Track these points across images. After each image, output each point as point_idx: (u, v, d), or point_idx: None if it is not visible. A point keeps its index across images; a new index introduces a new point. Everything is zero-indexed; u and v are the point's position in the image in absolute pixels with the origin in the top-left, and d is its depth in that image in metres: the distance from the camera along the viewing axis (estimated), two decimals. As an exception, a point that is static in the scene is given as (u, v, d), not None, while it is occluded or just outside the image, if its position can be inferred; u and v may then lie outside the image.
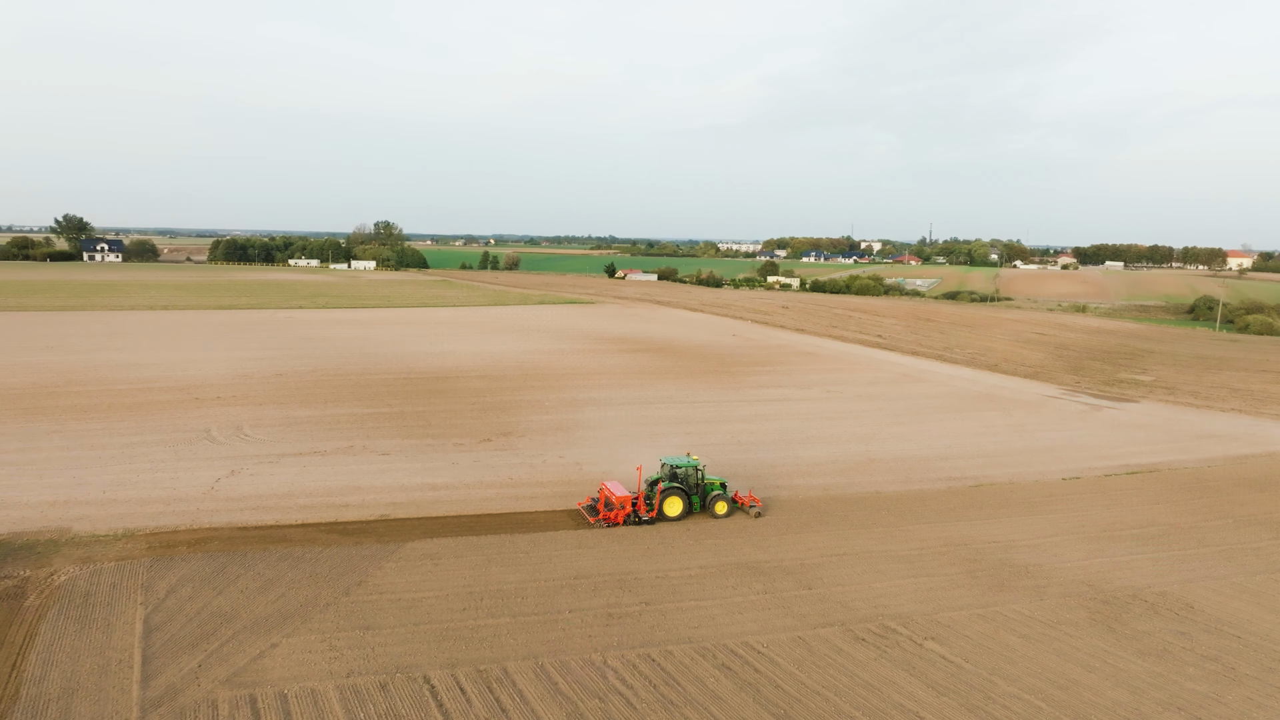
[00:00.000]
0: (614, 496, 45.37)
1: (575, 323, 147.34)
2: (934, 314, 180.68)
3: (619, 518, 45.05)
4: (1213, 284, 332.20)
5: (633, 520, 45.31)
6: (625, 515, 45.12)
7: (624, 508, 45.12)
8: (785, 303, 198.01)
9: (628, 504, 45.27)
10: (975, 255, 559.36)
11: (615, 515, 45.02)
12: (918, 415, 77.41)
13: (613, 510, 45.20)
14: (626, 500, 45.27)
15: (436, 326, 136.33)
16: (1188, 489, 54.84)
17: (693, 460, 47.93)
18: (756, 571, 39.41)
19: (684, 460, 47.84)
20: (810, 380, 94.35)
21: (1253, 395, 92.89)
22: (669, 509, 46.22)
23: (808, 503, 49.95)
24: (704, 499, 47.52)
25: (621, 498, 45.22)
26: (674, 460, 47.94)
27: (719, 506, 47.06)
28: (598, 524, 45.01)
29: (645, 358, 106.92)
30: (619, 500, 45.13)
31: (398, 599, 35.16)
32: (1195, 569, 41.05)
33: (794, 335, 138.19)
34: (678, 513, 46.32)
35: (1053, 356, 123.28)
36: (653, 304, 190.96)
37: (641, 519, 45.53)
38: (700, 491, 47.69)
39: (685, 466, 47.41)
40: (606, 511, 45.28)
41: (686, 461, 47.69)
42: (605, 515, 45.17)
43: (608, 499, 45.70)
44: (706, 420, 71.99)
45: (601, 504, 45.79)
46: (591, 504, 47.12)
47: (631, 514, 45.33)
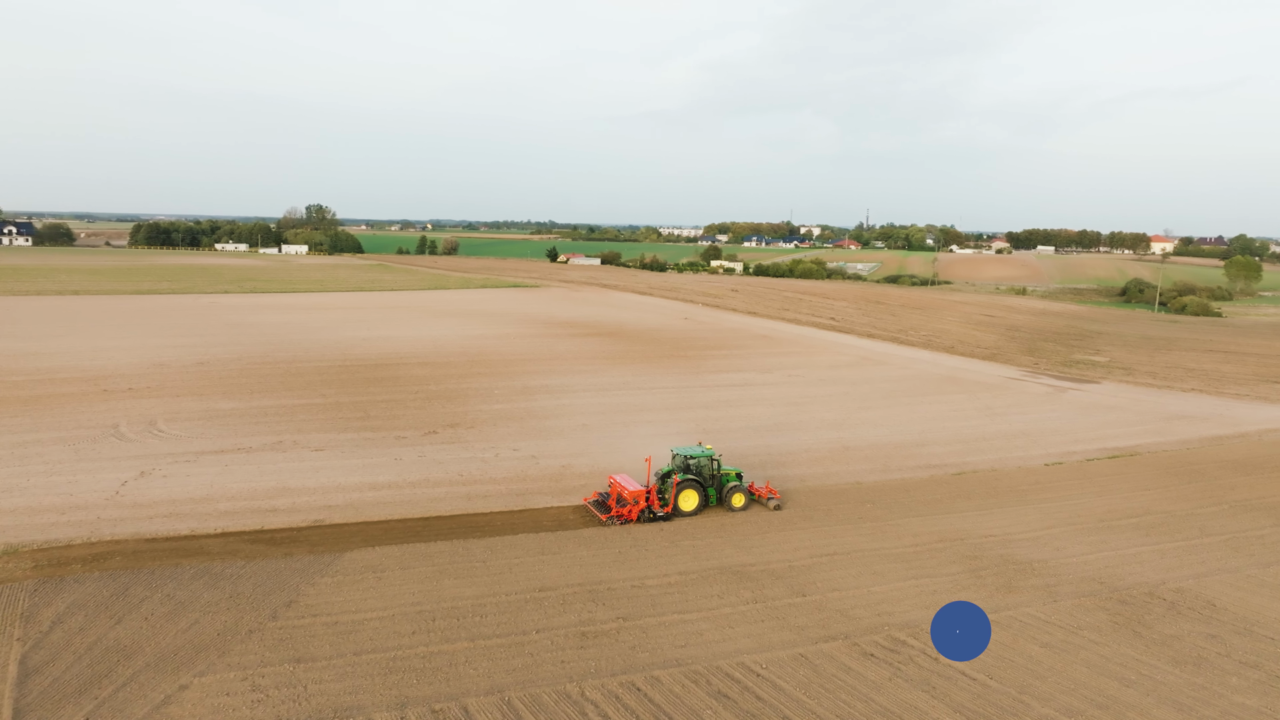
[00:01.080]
0: (626, 491, 41.56)
1: (522, 307, 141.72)
2: (884, 296, 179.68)
3: (633, 514, 41.33)
4: (1140, 267, 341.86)
5: (647, 516, 41.64)
6: (640, 511, 41.42)
7: (638, 503, 41.43)
8: (734, 286, 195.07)
9: (641, 499, 41.57)
10: (913, 240, 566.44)
11: (629, 512, 41.30)
12: (884, 399, 74.50)
13: (626, 506, 41.41)
14: (640, 495, 41.59)
15: (374, 311, 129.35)
16: (1173, 473, 52.65)
17: (707, 450, 44.16)
18: (742, 577, 35.34)
19: (698, 450, 44.10)
20: (770, 364, 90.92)
21: (1207, 375, 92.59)
22: (684, 503, 42.60)
23: (786, 495, 46.10)
24: (720, 491, 43.88)
25: (635, 492, 41.53)
26: (687, 450, 44.14)
27: (736, 499, 43.51)
28: (610, 522, 41.13)
29: (598, 342, 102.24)
30: (632, 495, 41.42)
31: (335, 622, 30.11)
32: (1205, 561, 38.37)
33: (747, 318, 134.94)
34: (693, 507, 42.71)
35: (1006, 338, 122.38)
36: (600, 287, 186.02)
37: (656, 515, 41.84)
38: (717, 483, 44.02)
39: (700, 457, 43.68)
40: (619, 508, 41.44)
41: (701, 451, 43.94)
42: (618, 512, 41.36)
43: (620, 495, 41.82)
44: (668, 408, 67.80)
45: (613, 500, 41.93)
46: (599, 500, 43.28)
47: (645, 509, 41.63)
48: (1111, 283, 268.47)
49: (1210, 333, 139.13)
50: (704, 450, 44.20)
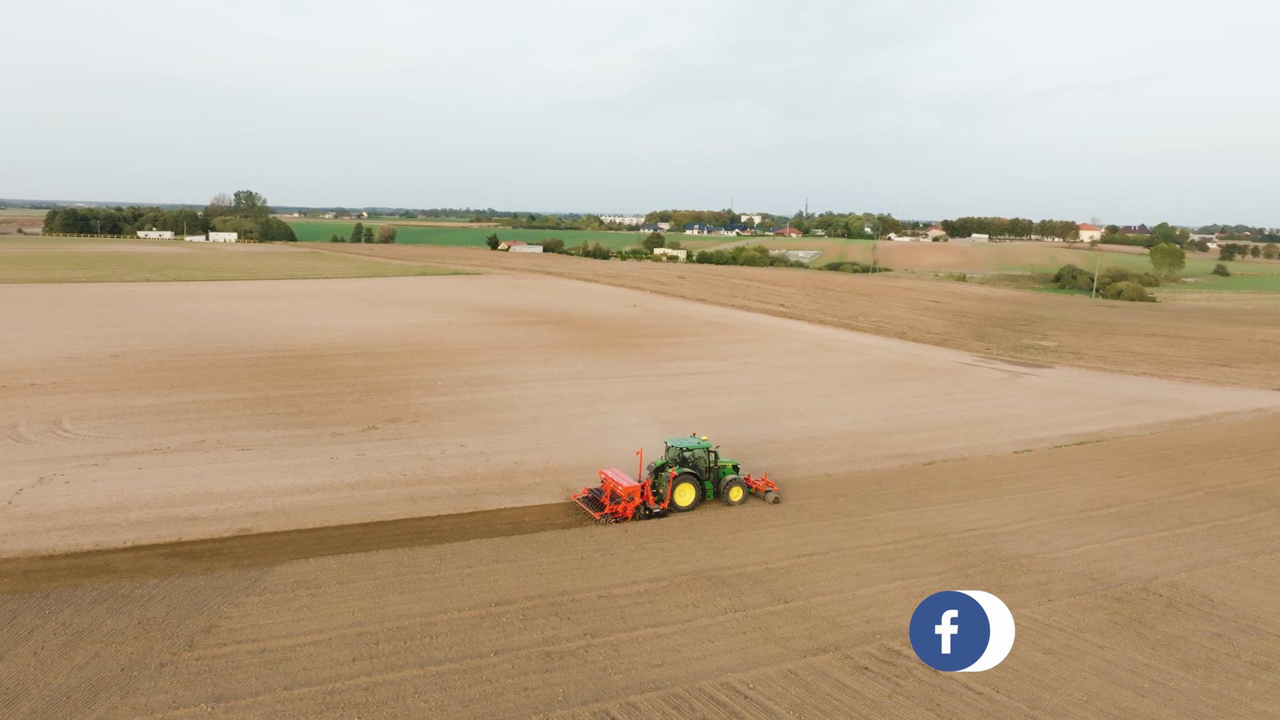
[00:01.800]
0: (620, 487, 38.93)
1: (464, 294, 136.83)
2: (830, 283, 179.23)
3: (629, 511, 38.82)
4: (1070, 254, 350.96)
5: (643, 513, 39.17)
6: (635, 508, 38.83)
7: (633, 499, 38.99)
8: (681, 273, 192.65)
9: (636, 494, 39.14)
10: (852, 228, 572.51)
11: (624, 509, 38.71)
12: (843, 386, 72.60)
13: (620, 503, 38.81)
14: (635, 490, 39.12)
15: (308, 300, 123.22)
16: (1142, 459, 51.56)
17: (703, 441, 41.78)
18: (717, 582, 32.48)
19: (694, 442, 41.65)
20: (724, 351, 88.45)
21: (1154, 358, 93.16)
22: (680, 498, 40.17)
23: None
24: (717, 485, 41.46)
25: (629, 488, 39.03)
26: (682, 442, 41.68)
27: (734, 493, 41.23)
28: (604, 519, 38.50)
29: (545, 330, 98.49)
30: (626, 491, 38.96)
31: (262, 650, 26.31)
32: (1193, 552, 36.85)
33: (696, 305, 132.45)
34: (690, 501, 40.27)
35: (954, 324, 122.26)
36: (544, 274, 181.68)
37: (652, 511, 39.41)
38: (714, 476, 41.58)
39: (696, 449, 41.26)
40: (613, 505, 38.82)
41: (697, 443, 41.51)
42: (613, 509, 38.71)
43: (614, 491, 39.22)
44: (622, 398, 64.68)
45: (607, 496, 39.39)
46: (590, 496, 40.59)
47: (641, 505, 39.09)
48: (1044, 269, 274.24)
49: (1148, 317, 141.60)
50: (700, 441, 41.81)
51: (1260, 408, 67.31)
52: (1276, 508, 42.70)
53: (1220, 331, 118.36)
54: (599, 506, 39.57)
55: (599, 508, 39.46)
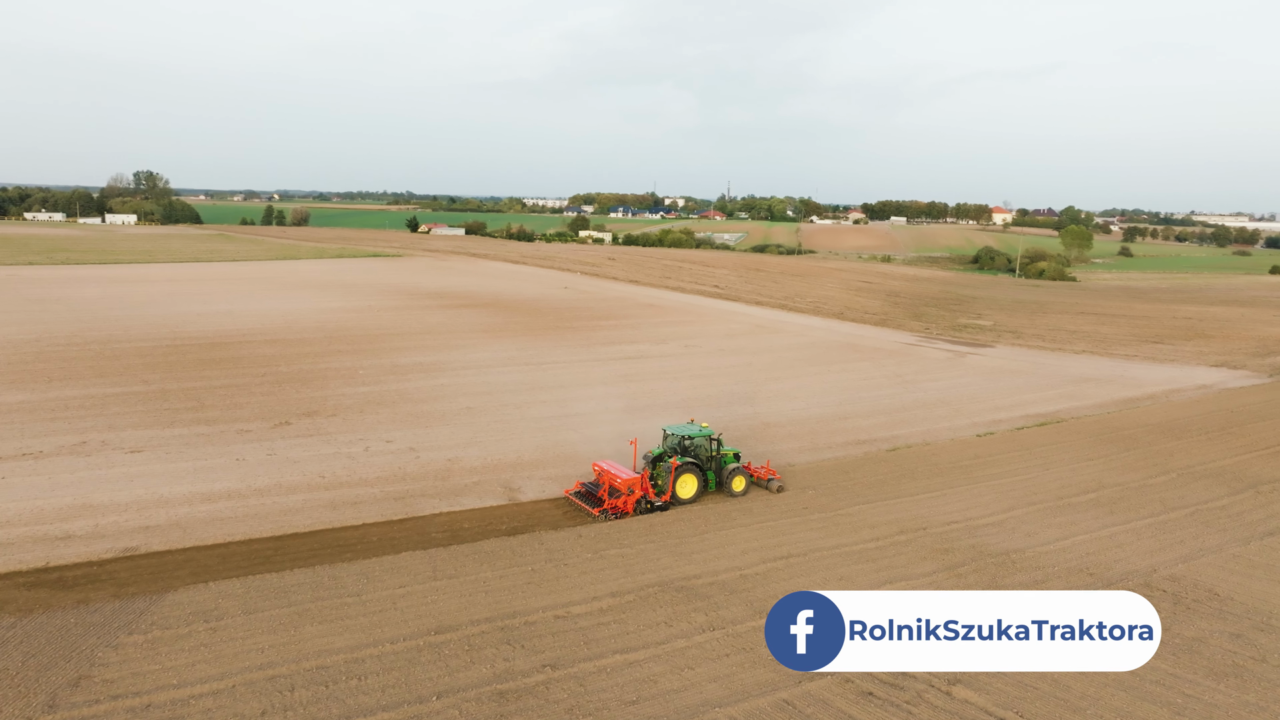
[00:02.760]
0: (619, 480, 35.98)
1: (384, 277, 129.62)
2: (762, 264, 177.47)
3: (629, 505, 35.73)
4: (985, 236, 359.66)
5: (644, 507, 36.11)
6: (636, 501, 35.89)
7: (633, 492, 35.93)
8: (611, 255, 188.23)
9: (637, 487, 36.10)
10: (775, 211, 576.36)
11: (624, 503, 35.73)
12: (790, 368, 69.73)
13: (619, 497, 35.89)
14: (634, 483, 36.06)
15: (213, 284, 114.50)
16: (1106, 440, 49.88)
17: (705, 429, 38.69)
18: (690, 594, 28.66)
19: (695, 429, 38.58)
20: (663, 334, 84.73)
21: (1090, 336, 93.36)
22: (682, 490, 37.19)
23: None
24: (720, 474, 38.59)
25: (628, 480, 35.96)
26: (682, 429, 38.58)
27: (737, 483, 38.40)
28: (603, 515, 35.42)
29: (473, 314, 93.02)
30: (625, 484, 35.89)
31: (146, 706, 21.33)
32: (1183, 540, 34.74)
33: (629, 287, 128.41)
34: (692, 493, 37.39)
35: (889, 304, 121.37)
36: (469, 256, 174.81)
37: (654, 505, 36.38)
38: (716, 466, 38.71)
39: (698, 437, 38.21)
40: (612, 499, 35.83)
41: (699, 431, 38.41)
42: (612, 504, 35.68)
43: (612, 485, 36.29)
44: (561, 385, 60.29)
45: (605, 490, 36.39)
46: (584, 491, 37.46)
47: (642, 499, 36.14)
48: (962, 251, 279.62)
49: (1073, 296, 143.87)
50: (702, 429, 38.53)
51: (1204, 384, 67.09)
52: (1251, 489, 41.22)
53: (1145, 309, 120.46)
54: (595, 501, 36.23)
55: (595, 503, 36.13)
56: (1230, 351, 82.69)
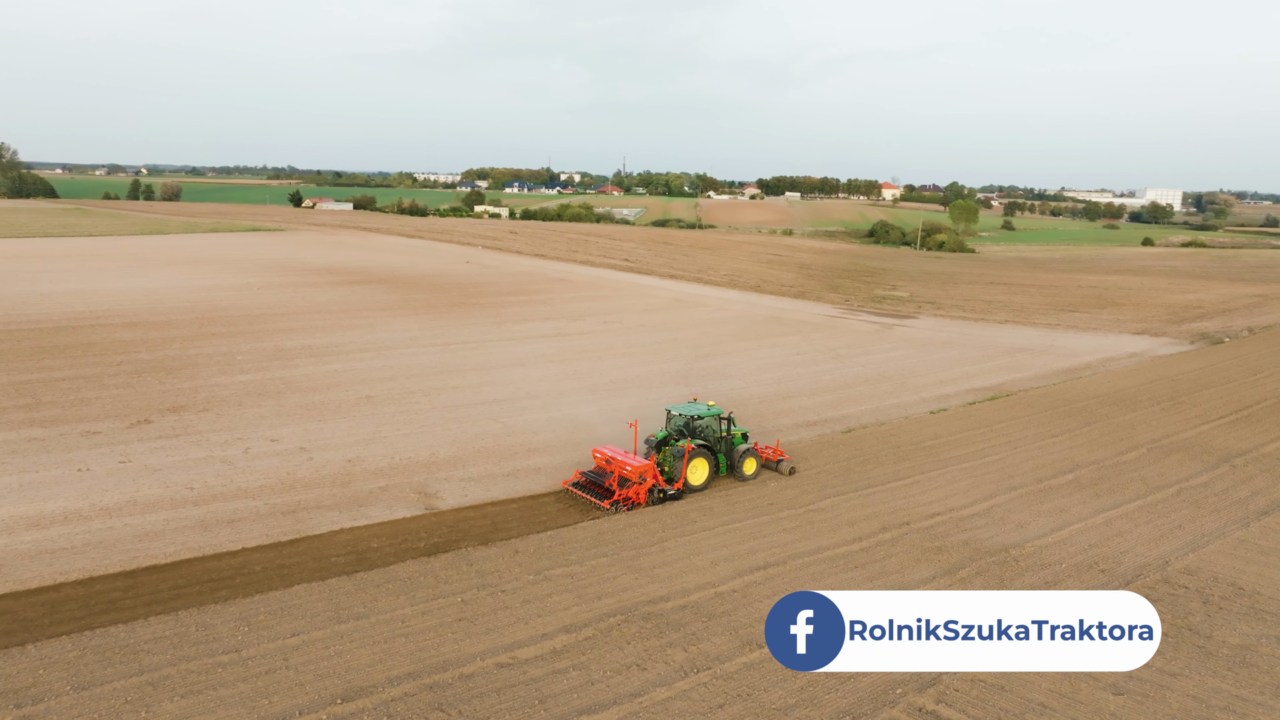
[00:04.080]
0: (629, 467, 32.01)
1: (266, 252, 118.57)
2: (669, 238, 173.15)
3: (641, 496, 31.87)
4: (877, 211, 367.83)
5: (656, 496, 32.32)
6: (648, 490, 32.03)
7: (644, 480, 31.98)
8: (513, 229, 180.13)
9: (649, 474, 32.20)
10: (673, 187, 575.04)
11: (636, 493, 31.84)
12: (719, 344, 65.31)
13: (630, 486, 31.93)
14: (646, 470, 32.17)
15: (63, 260, 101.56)
16: (1062, 414, 47.33)
17: (714, 407, 35.36)
18: (661, 623, 23.47)
19: (703, 409, 35.17)
20: (579, 310, 78.96)
21: (1008, 306, 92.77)
22: (694, 475, 33.63)
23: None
24: (730, 457, 35.17)
25: (639, 468, 32.05)
26: (689, 409, 35.22)
27: (748, 465, 35.12)
28: (614, 508, 31.53)
29: (368, 291, 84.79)
30: (636, 472, 31.93)
31: None
32: (1181, 525, 31.78)
33: (536, 261, 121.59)
34: (703, 479, 33.91)
35: (803, 276, 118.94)
36: (359, 230, 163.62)
37: (667, 493, 32.56)
38: (727, 447, 35.22)
39: (707, 416, 34.90)
40: (623, 489, 31.84)
41: (708, 410, 34.99)
42: (623, 495, 31.69)
43: (621, 474, 32.19)
44: (475, 367, 53.96)
45: (615, 480, 32.11)
46: (586, 481, 33.28)
47: (653, 488, 32.24)
48: (856, 225, 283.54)
49: (977, 267, 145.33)
50: (710, 408, 35.13)
51: (1134, 353, 66.27)
52: (1225, 463, 39.03)
53: (1050, 279, 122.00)
54: (603, 493, 32.12)
55: (603, 494, 32.06)
56: (1145, 319, 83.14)
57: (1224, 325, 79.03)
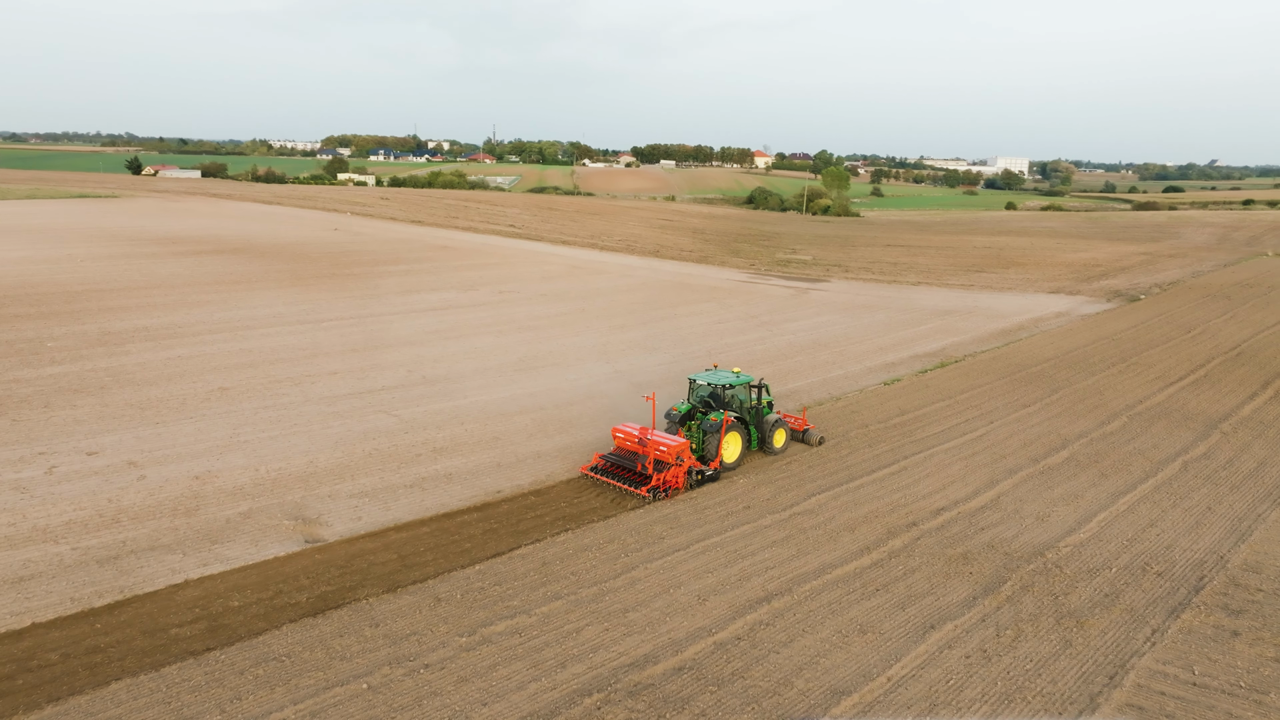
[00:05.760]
0: (665, 446, 27.61)
1: (94, 220, 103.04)
2: (555, 204, 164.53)
3: (680, 479, 27.70)
4: (752, 178, 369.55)
5: (694, 479, 28.19)
6: (686, 473, 27.89)
7: (681, 461, 27.74)
8: (384, 195, 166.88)
9: (686, 454, 27.96)
10: (547, 154, 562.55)
11: (675, 476, 27.60)
12: (633, 314, 58.85)
13: (668, 469, 27.56)
14: (682, 449, 27.83)
15: None
16: (1022, 381, 43.47)
17: (743, 375, 31.56)
18: (660, 701, 16.93)
19: (731, 376, 31.23)
20: (469, 279, 70.59)
21: (913, 268, 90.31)
22: (728, 452, 29.66)
23: (602, 482, 28.14)
24: (761, 429, 31.21)
25: (675, 447, 27.68)
26: (716, 377, 31.18)
27: (778, 437, 31.45)
28: (652, 495, 27.06)
29: (220, 261, 73.33)
30: (673, 451, 27.57)
31: None
32: (1211, 508, 27.76)
33: (412, 228, 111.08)
34: (736, 457, 30.01)
35: (700, 241, 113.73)
36: (210, 197, 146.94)
37: (705, 474, 28.45)
38: (757, 419, 31.32)
39: (738, 385, 30.92)
40: (659, 473, 27.36)
41: (736, 378, 31.04)
42: (660, 479, 27.30)
43: (657, 456, 27.69)
44: (356, 348, 45.44)
45: (650, 462, 27.62)
46: (608, 465, 28.47)
47: (690, 469, 28.13)
48: (733, 192, 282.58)
49: (866, 230, 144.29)
50: (740, 376, 31.35)
51: (1059, 311, 64.07)
52: (1213, 430, 35.74)
53: (943, 241, 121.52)
54: (636, 478, 27.54)
55: (637, 480, 27.48)
56: (1053, 278, 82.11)
57: (1130, 283, 78.76)
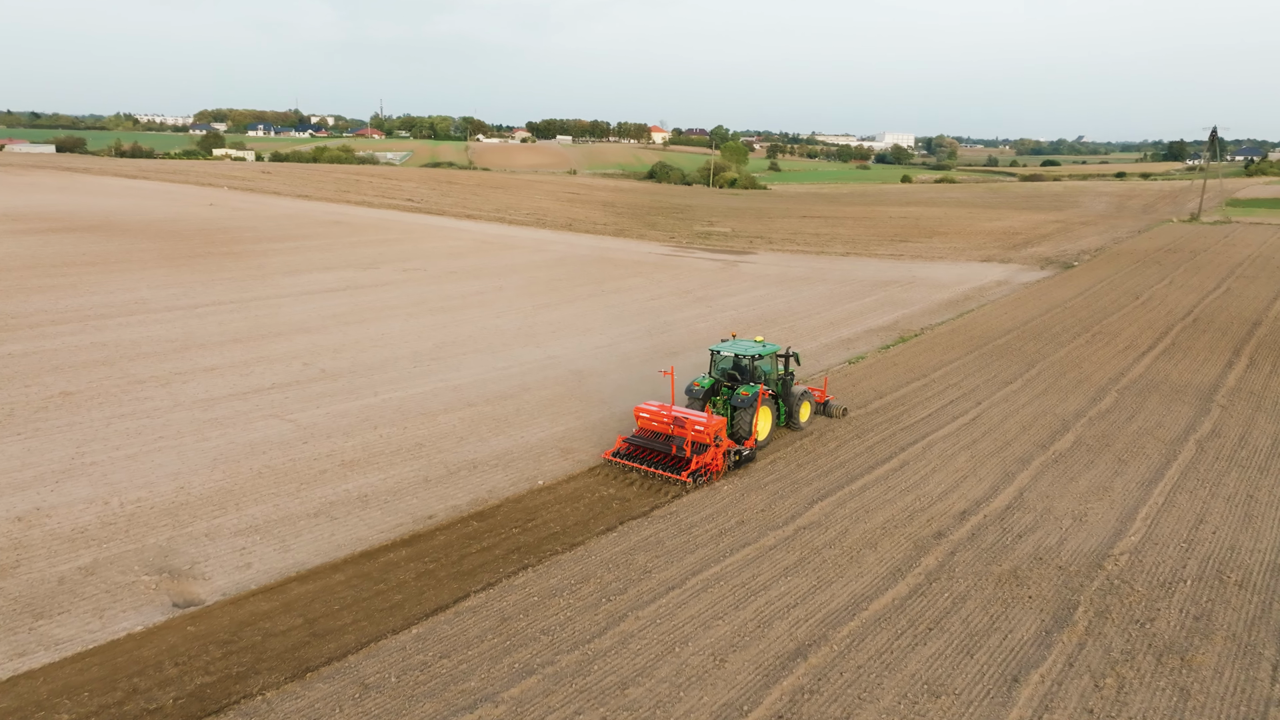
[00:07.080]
0: (701, 426, 24.17)
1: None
2: (454, 177, 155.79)
3: (718, 462, 24.41)
4: (650, 154, 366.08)
5: (732, 460, 25.01)
6: (724, 454, 24.66)
7: (719, 442, 24.36)
8: (266, 169, 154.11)
9: (722, 434, 24.62)
10: (439, 130, 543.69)
11: (714, 458, 24.26)
12: (555, 291, 53.35)
13: (707, 452, 24.05)
14: (719, 429, 24.47)
15: None
16: (990, 355, 40.29)
17: (769, 345, 28.59)
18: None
19: (756, 346, 28.22)
20: (369, 257, 63.30)
21: (837, 239, 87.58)
22: (762, 428, 27.03)
23: (558, 496, 23.00)
24: (787, 403, 28.61)
25: (711, 426, 24.18)
26: (740, 347, 28.21)
27: (804, 411, 28.94)
28: (693, 480, 23.75)
29: (70, 240, 63.50)
30: (711, 429, 24.16)
31: None
32: (1253, 497, 24.66)
33: (300, 202, 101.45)
34: (767, 434, 27.46)
35: (612, 214, 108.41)
36: (63, 171, 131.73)
37: (743, 455, 25.30)
38: (785, 393, 28.69)
39: (766, 355, 28.09)
40: (699, 457, 23.93)
41: (765, 349, 28.10)
42: (700, 463, 23.88)
43: (695, 438, 24.24)
44: (237, 338, 38.38)
45: (688, 444, 24.18)
46: (636, 449, 25.00)
47: (727, 450, 24.84)
48: (633, 167, 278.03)
49: (778, 202, 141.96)
50: (765, 345, 28.38)
51: (999, 280, 61.89)
52: (1209, 403, 33.14)
53: (857, 212, 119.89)
54: (671, 462, 24.20)
55: (672, 464, 24.15)
56: (979, 247, 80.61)
57: (1057, 250, 77.89)
